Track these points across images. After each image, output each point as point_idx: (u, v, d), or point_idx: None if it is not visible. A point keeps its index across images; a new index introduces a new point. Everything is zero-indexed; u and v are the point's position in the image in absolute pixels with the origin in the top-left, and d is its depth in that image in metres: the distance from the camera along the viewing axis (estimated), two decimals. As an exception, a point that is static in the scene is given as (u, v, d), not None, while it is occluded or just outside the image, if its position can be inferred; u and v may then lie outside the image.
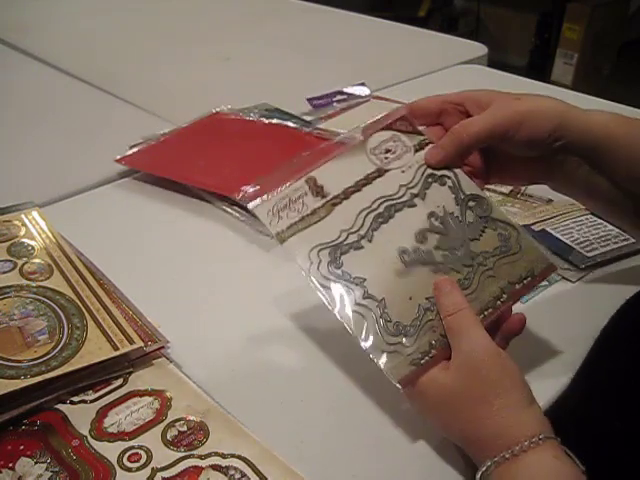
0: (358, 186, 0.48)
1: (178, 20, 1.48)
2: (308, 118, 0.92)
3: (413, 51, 1.28)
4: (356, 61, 1.21)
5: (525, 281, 0.47)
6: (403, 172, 0.49)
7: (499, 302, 0.46)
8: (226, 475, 0.41)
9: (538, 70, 3.09)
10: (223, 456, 0.42)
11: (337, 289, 0.45)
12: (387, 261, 0.46)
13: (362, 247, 0.46)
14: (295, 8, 1.56)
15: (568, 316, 0.57)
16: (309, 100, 0.97)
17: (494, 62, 1.24)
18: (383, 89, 1.04)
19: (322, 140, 0.84)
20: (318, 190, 0.47)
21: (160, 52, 1.27)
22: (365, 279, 0.45)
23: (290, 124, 0.89)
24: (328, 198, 0.47)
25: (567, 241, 0.64)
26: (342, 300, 0.44)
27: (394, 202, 0.48)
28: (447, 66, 1.18)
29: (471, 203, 0.49)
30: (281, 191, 0.47)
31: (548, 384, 0.50)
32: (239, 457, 0.42)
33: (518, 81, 1.14)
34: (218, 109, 0.93)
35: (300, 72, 1.16)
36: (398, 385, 0.42)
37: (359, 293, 0.44)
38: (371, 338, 0.43)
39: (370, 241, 0.46)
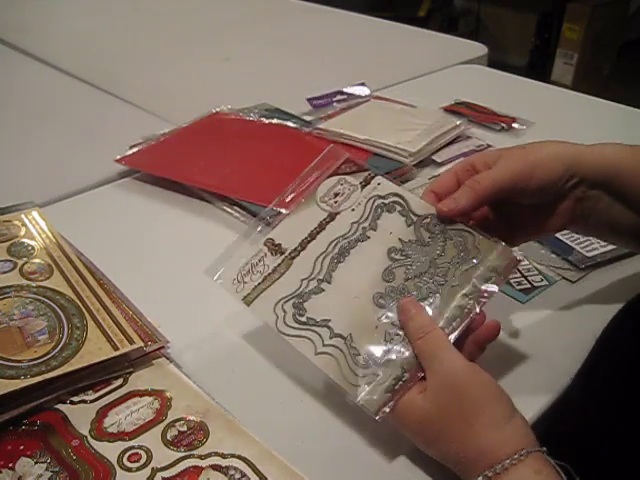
0: (313, 235, 0.50)
1: (178, 20, 1.48)
2: (308, 118, 0.92)
3: (413, 51, 1.29)
4: (356, 61, 1.21)
5: (490, 281, 0.47)
6: (353, 210, 0.51)
7: (466, 310, 0.46)
8: (226, 475, 0.41)
9: (538, 70, 3.09)
10: (223, 456, 0.42)
11: (305, 336, 0.46)
12: (349, 297, 0.47)
13: (323, 290, 0.48)
14: (295, 8, 1.57)
15: (568, 316, 0.57)
16: (309, 100, 0.97)
17: (494, 62, 1.25)
18: (383, 89, 1.04)
19: (322, 140, 0.85)
20: (276, 249, 0.50)
21: (160, 52, 1.27)
22: (330, 319, 0.47)
23: (290, 124, 0.89)
24: (286, 254, 0.50)
25: (567, 241, 0.64)
26: (312, 345, 0.46)
27: (347, 240, 0.50)
28: (447, 66, 1.18)
29: (425, 221, 0.50)
30: (242, 259, 0.50)
31: (548, 384, 0.50)
32: (239, 457, 0.42)
33: (518, 81, 1.14)
34: (218, 109, 0.93)
35: (300, 72, 1.16)
36: (375, 416, 0.43)
37: (326, 334, 0.46)
38: (344, 376, 0.44)
39: (329, 282, 0.48)
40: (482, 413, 0.40)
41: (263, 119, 0.90)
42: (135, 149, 0.82)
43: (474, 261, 0.47)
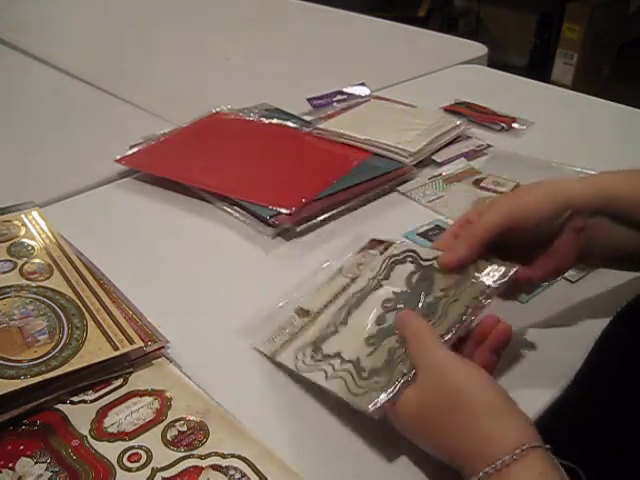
0: (336, 296, 0.54)
1: (178, 20, 1.49)
2: (308, 118, 0.92)
3: (413, 51, 1.29)
4: (356, 61, 1.21)
5: (488, 290, 0.48)
6: (371, 270, 0.55)
7: (465, 317, 0.47)
8: (226, 475, 0.41)
9: (538, 70, 3.09)
10: (223, 456, 0.42)
11: (321, 369, 0.48)
12: (359, 330, 0.50)
13: (338, 331, 0.51)
14: (295, 8, 1.57)
15: (568, 316, 0.57)
16: (309, 100, 0.97)
17: (494, 62, 1.25)
18: (383, 89, 1.04)
19: (322, 140, 0.85)
20: (305, 313, 0.54)
21: (160, 52, 1.27)
22: (341, 351, 0.49)
23: (290, 124, 0.89)
24: (312, 315, 0.54)
25: (567, 241, 0.64)
26: (324, 374, 0.47)
27: (364, 291, 0.53)
28: (447, 66, 1.18)
29: (427, 263, 0.52)
30: (275, 324, 0.54)
31: (548, 385, 0.50)
32: (239, 457, 0.42)
33: (518, 81, 1.14)
34: (218, 109, 0.93)
35: (300, 72, 1.16)
36: (367, 411, 0.43)
37: (337, 363, 0.48)
38: (350, 391, 0.45)
39: (345, 324, 0.51)
40: (476, 401, 0.40)
41: (263, 119, 0.90)
42: (135, 149, 0.82)
43: (472, 280, 0.49)
